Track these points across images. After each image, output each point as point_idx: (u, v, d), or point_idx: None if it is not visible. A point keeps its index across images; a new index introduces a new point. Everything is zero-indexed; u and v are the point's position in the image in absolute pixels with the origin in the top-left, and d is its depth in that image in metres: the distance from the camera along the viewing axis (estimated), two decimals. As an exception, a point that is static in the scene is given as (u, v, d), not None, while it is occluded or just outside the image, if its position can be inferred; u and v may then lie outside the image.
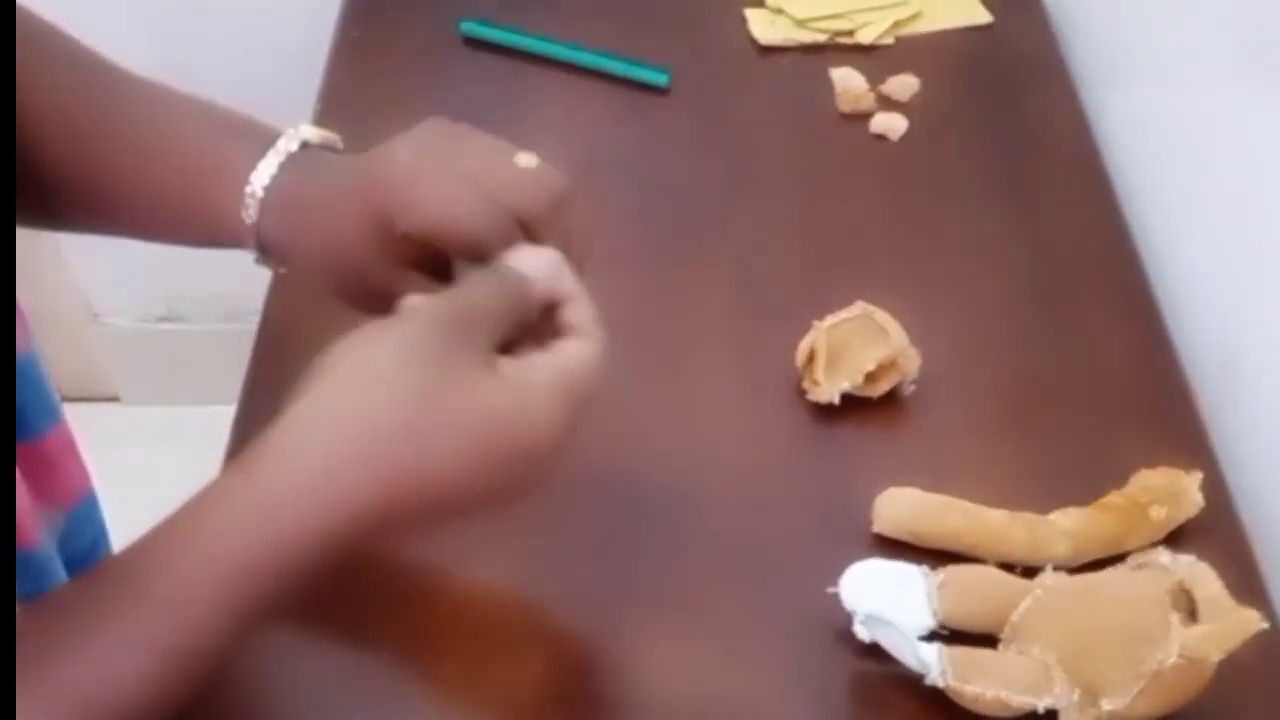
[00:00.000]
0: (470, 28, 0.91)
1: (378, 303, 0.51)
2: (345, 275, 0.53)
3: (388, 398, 0.42)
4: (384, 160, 0.51)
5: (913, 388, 0.69)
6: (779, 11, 0.93)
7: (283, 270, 0.56)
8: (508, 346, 0.46)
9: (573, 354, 0.46)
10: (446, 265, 0.52)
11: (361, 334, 0.45)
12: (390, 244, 0.51)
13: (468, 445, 0.42)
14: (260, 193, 0.52)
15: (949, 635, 0.57)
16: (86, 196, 0.55)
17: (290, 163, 0.53)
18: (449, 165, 0.50)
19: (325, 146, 0.55)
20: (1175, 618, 0.54)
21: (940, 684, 0.55)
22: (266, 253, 0.54)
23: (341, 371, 0.43)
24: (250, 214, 0.53)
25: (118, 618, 0.40)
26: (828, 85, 0.88)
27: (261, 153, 0.53)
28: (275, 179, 0.52)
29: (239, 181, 0.52)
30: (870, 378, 0.67)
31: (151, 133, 0.55)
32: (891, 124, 0.85)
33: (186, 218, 0.55)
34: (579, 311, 0.48)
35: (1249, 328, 0.72)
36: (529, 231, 0.50)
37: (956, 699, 0.55)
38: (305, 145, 0.54)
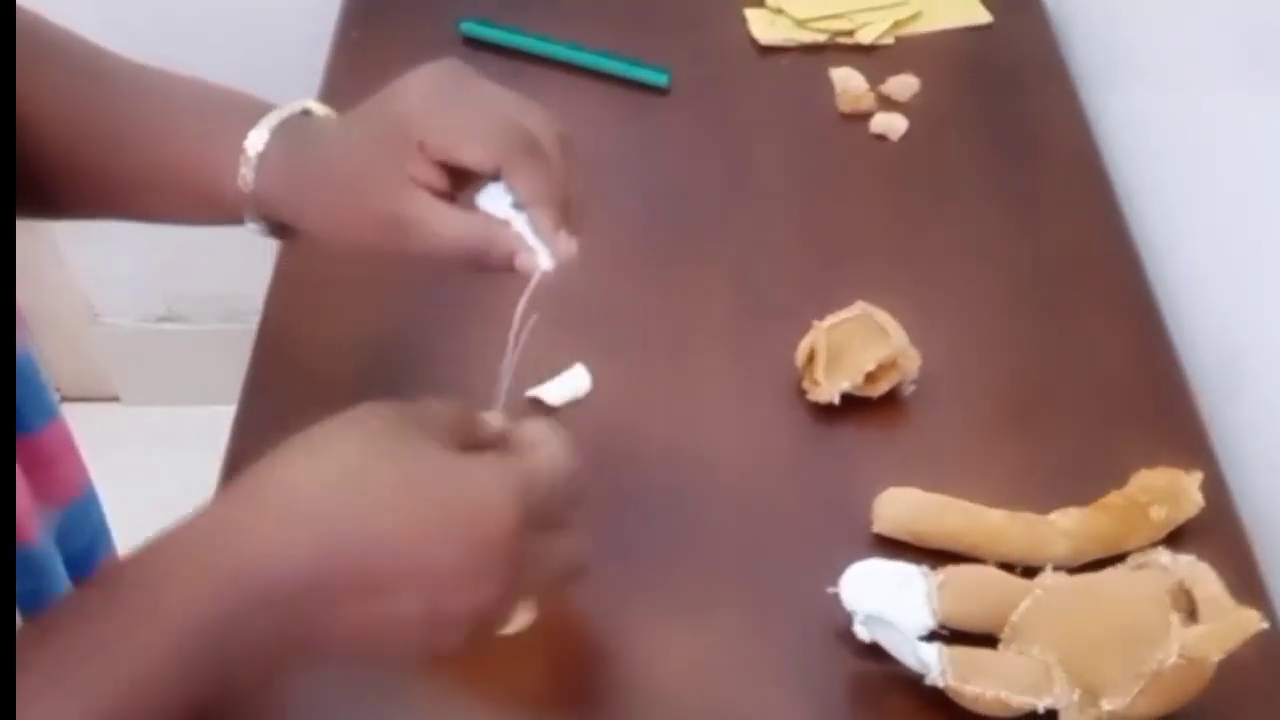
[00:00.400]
0: (470, 27, 0.91)
1: (383, 235, 0.52)
2: (353, 210, 0.53)
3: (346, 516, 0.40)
4: (400, 87, 0.53)
5: (913, 388, 0.69)
6: (779, 11, 0.93)
7: (281, 236, 0.57)
8: None
9: (526, 437, 0.44)
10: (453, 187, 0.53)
11: (313, 436, 0.42)
12: (403, 163, 0.52)
13: (413, 518, 0.40)
14: (261, 146, 0.53)
15: (949, 635, 0.57)
16: (88, 185, 0.55)
17: (289, 122, 0.54)
18: (465, 90, 0.53)
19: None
20: (1175, 618, 0.54)
21: (940, 684, 0.55)
22: (266, 215, 0.55)
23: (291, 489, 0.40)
24: (249, 174, 0.53)
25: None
26: (828, 85, 0.88)
27: (257, 120, 0.54)
28: (274, 134, 0.53)
29: (237, 149, 0.53)
30: (870, 378, 0.67)
31: (151, 118, 0.55)
32: (891, 124, 0.85)
33: (188, 194, 0.55)
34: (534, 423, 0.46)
35: (1249, 327, 0.72)
36: (537, 156, 0.52)
37: (956, 699, 0.55)
38: (306, 113, 0.55)
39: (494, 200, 0.53)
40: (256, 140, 0.53)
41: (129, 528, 0.77)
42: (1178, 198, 0.81)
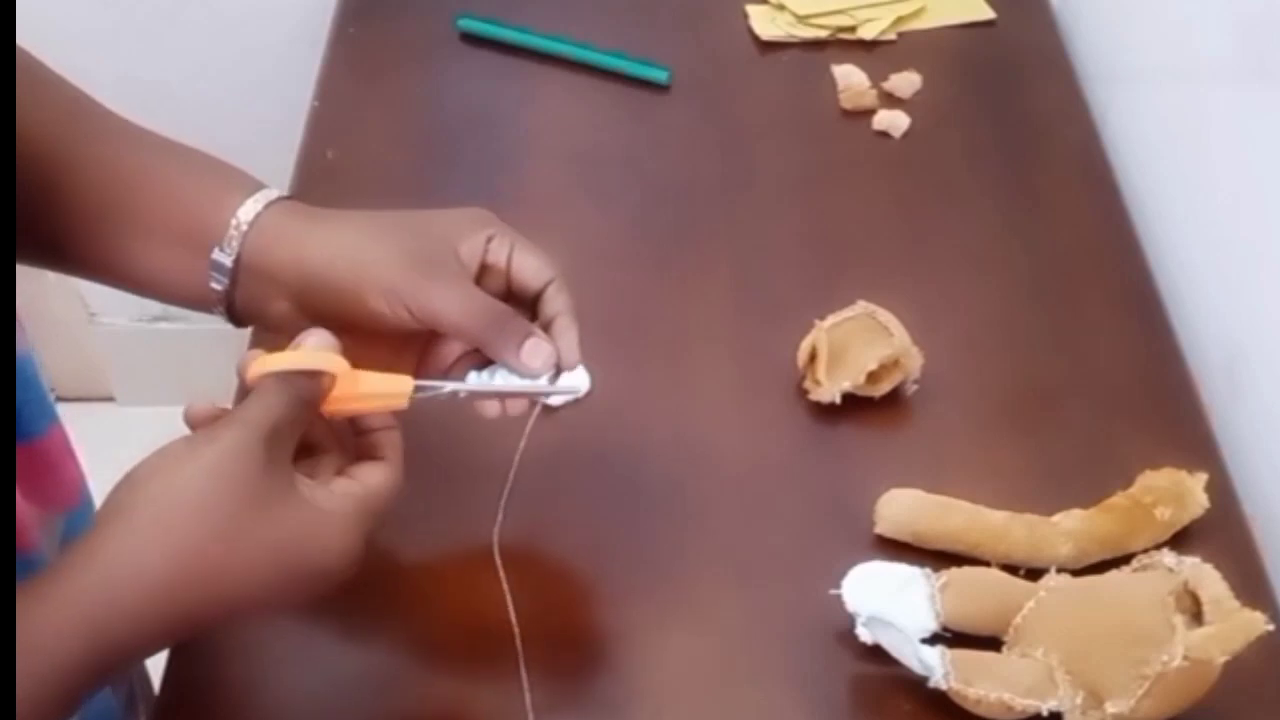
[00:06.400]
0: (467, 24, 0.91)
1: (377, 306, 0.52)
2: (351, 275, 0.53)
3: (202, 533, 0.45)
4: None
5: (915, 387, 0.68)
6: (780, 8, 0.92)
7: (246, 319, 0.57)
8: (310, 449, 0.49)
9: (371, 482, 0.49)
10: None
11: (170, 457, 0.46)
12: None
13: (268, 570, 0.46)
14: (253, 215, 0.53)
15: (951, 637, 0.56)
16: (68, 226, 0.54)
17: (283, 200, 0.54)
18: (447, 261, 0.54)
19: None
20: (1180, 620, 0.53)
21: (943, 686, 0.54)
22: (246, 286, 0.54)
23: (157, 501, 0.45)
24: (235, 241, 0.53)
25: None
26: (829, 82, 0.88)
27: (252, 191, 0.54)
28: (270, 206, 0.54)
29: (229, 210, 0.53)
30: (872, 377, 0.66)
31: (145, 165, 0.55)
32: (894, 121, 0.85)
33: (172, 245, 0.54)
34: (390, 439, 0.50)
35: (1255, 327, 0.72)
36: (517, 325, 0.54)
37: (959, 702, 0.55)
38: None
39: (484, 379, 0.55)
40: (247, 213, 0.53)
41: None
42: (1182, 196, 0.80)
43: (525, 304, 0.55)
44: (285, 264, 0.53)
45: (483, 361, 0.56)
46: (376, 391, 0.50)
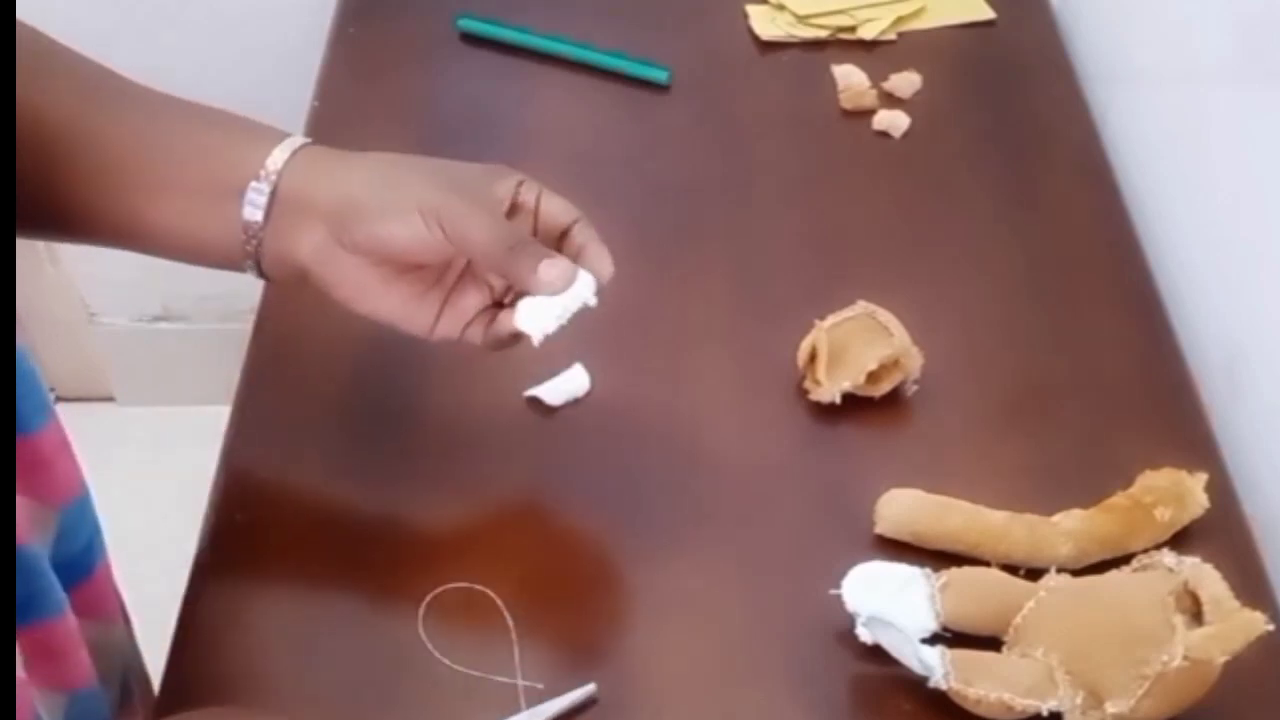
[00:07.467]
0: (467, 24, 0.91)
1: (408, 230, 0.54)
2: (379, 207, 0.55)
3: None
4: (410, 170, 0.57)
5: (915, 387, 0.68)
6: (780, 7, 0.92)
7: (276, 273, 0.57)
8: None
9: None
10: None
11: None
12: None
13: None
14: (284, 159, 0.55)
15: (951, 638, 0.56)
16: (92, 198, 0.56)
17: (310, 145, 0.57)
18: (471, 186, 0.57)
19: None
20: (1179, 620, 0.53)
21: (943, 686, 0.54)
22: (277, 229, 0.56)
23: None
24: (267, 186, 0.55)
25: None
26: (829, 82, 0.88)
27: (278, 140, 0.56)
28: (298, 150, 0.56)
29: (258, 159, 0.55)
30: (872, 377, 0.66)
31: (166, 126, 0.57)
32: (894, 121, 0.85)
33: (200, 204, 0.56)
34: None
35: (1255, 327, 0.72)
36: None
37: (959, 702, 0.55)
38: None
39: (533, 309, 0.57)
40: (280, 156, 0.55)
41: (124, 528, 0.77)
42: (1183, 196, 0.80)
43: (550, 244, 0.58)
44: (323, 191, 0.55)
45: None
46: None
